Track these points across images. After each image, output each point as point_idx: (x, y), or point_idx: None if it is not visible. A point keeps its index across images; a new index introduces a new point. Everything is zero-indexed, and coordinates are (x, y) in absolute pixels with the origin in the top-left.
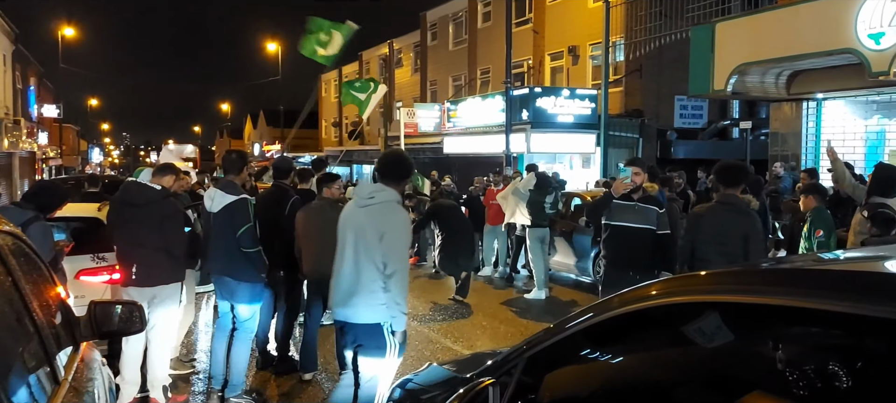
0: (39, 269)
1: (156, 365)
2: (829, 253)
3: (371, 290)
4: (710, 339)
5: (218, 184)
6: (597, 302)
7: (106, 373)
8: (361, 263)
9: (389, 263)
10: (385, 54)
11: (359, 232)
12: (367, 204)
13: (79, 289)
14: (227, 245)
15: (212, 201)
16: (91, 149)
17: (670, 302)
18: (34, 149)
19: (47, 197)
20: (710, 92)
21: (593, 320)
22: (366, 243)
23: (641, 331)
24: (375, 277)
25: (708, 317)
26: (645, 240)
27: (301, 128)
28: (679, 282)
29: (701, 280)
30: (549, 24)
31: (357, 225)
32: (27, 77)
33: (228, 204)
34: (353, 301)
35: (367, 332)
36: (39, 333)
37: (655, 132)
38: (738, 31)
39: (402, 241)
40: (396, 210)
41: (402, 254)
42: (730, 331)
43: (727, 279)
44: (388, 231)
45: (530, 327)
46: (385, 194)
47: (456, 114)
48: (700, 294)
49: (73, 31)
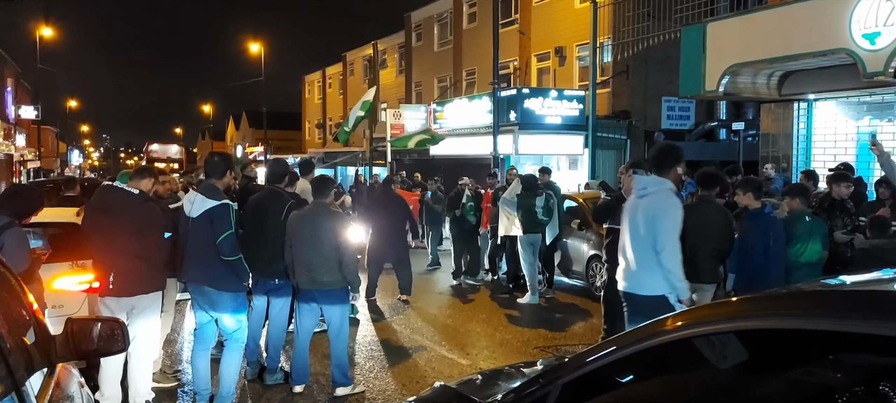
0: (9, 285)
1: (137, 380)
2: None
3: (649, 267)
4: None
5: (199, 187)
6: (650, 324)
7: (85, 395)
8: (639, 244)
9: (659, 241)
10: (369, 55)
11: (634, 218)
12: (643, 193)
13: (56, 299)
14: (205, 252)
15: (191, 205)
16: (70, 151)
17: (739, 328)
18: (12, 152)
19: (23, 201)
20: (701, 93)
21: (649, 343)
22: (639, 227)
23: (703, 359)
24: (651, 255)
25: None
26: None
27: (284, 130)
28: (748, 305)
29: (772, 303)
30: (536, 25)
31: (633, 212)
32: (4, 77)
33: (208, 209)
34: (637, 276)
35: (647, 302)
36: (6, 358)
37: (643, 133)
38: (729, 32)
39: (671, 223)
40: (669, 197)
41: (672, 234)
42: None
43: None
44: (657, 215)
45: (525, 333)
46: (660, 185)
47: (442, 116)
48: (768, 318)
49: (51, 32)
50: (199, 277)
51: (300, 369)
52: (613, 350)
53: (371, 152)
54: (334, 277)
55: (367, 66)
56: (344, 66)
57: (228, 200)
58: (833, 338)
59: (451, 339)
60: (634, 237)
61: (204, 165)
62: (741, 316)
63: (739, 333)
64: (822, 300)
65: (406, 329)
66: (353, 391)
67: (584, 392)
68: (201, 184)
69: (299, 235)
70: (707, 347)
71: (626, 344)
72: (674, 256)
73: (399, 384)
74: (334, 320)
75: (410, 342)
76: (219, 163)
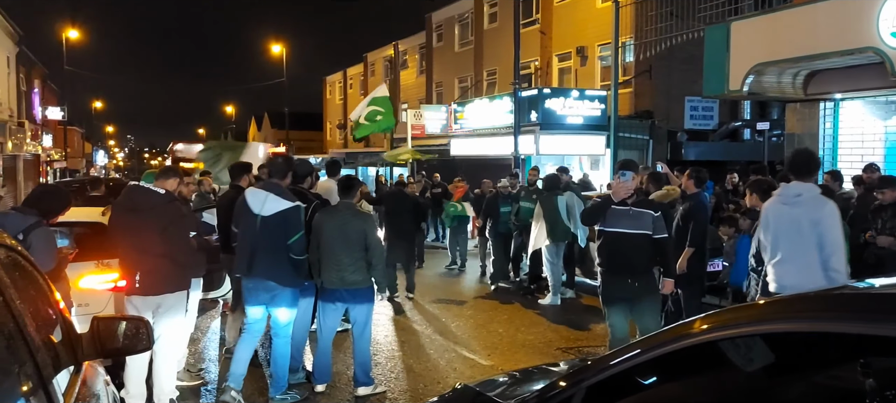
0: (37, 284)
1: (162, 378)
2: None
3: (813, 268)
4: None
5: (267, 187)
6: (675, 327)
7: (111, 392)
8: (801, 247)
9: (828, 244)
10: (390, 56)
11: (795, 223)
12: (794, 201)
13: (82, 298)
14: (275, 250)
15: (261, 205)
16: (96, 151)
17: (765, 331)
18: (39, 152)
19: (50, 201)
20: (725, 92)
21: (673, 346)
22: (802, 231)
23: (731, 361)
24: (815, 257)
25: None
26: (640, 246)
27: (305, 130)
28: (774, 308)
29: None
30: (557, 25)
31: (791, 217)
32: (31, 79)
33: (283, 210)
34: (800, 278)
35: None
36: (33, 356)
37: (666, 133)
38: (754, 31)
39: (837, 226)
40: (827, 201)
41: (840, 237)
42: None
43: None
44: (822, 218)
45: (547, 334)
46: (812, 190)
47: (463, 116)
48: (795, 321)
49: (78, 33)
50: (266, 272)
51: (322, 368)
52: (638, 353)
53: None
54: (362, 276)
55: (388, 67)
56: (365, 67)
57: (299, 202)
58: (862, 342)
59: (472, 340)
60: (794, 241)
61: (268, 166)
62: (767, 319)
63: (765, 336)
64: (852, 303)
65: (427, 329)
66: (374, 391)
67: (608, 395)
68: (268, 185)
69: (329, 234)
70: (732, 350)
71: (650, 347)
72: (843, 258)
73: (420, 384)
74: (360, 319)
75: (432, 342)
76: (282, 165)
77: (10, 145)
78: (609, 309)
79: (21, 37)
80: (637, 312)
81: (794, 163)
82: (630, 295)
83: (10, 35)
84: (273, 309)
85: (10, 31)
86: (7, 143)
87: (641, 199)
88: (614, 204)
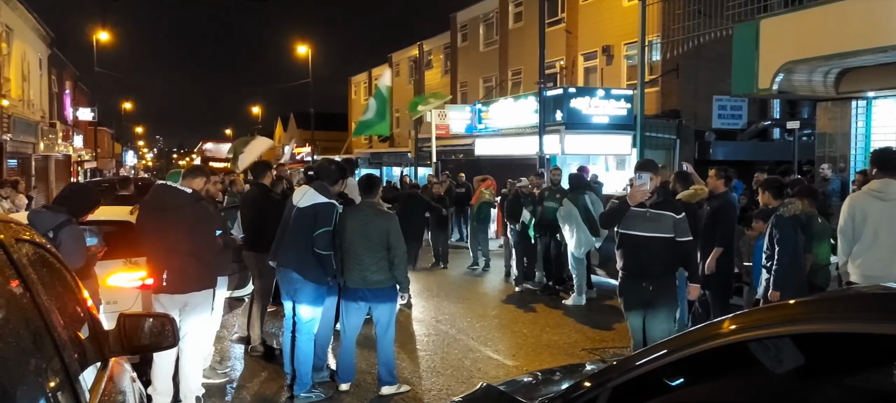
0: (64, 280)
1: (188, 375)
2: None
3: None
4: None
5: (313, 184)
6: (702, 327)
7: (137, 389)
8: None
9: None
10: (415, 56)
11: (891, 217)
12: (885, 195)
13: (110, 296)
14: (302, 241)
15: (301, 197)
16: (125, 151)
17: (796, 332)
18: (70, 152)
19: (80, 200)
20: (754, 91)
21: (701, 347)
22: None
23: (757, 362)
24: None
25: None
26: (658, 249)
27: (330, 131)
28: (806, 308)
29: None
30: (583, 24)
31: (888, 213)
32: (63, 81)
33: (315, 204)
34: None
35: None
36: (60, 351)
37: (693, 133)
38: (783, 28)
39: None
40: None
41: None
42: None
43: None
44: None
45: (573, 336)
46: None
47: (488, 116)
48: (828, 322)
49: (108, 36)
50: (290, 262)
51: (346, 367)
52: (664, 353)
53: (416, 152)
54: (384, 275)
55: (413, 67)
56: (390, 68)
57: (336, 201)
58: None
59: (496, 340)
60: (892, 232)
61: (317, 169)
62: (799, 320)
63: (795, 337)
64: (890, 303)
65: (452, 329)
66: (398, 390)
67: (633, 395)
68: (315, 183)
69: (350, 234)
70: (761, 351)
71: (677, 348)
72: None
73: (445, 384)
74: (383, 318)
75: (456, 342)
76: (334, 171)
77: (42, 146)
78: (627, 313)
79: (52, 39)
80: (649, 318)
81: (882, 159)
82: (645, 300)
83: (42, 38)
84: (297, 304)
85: (42, 34)
86: (39, 144)
87: (662, 200)
88: (631, 206)
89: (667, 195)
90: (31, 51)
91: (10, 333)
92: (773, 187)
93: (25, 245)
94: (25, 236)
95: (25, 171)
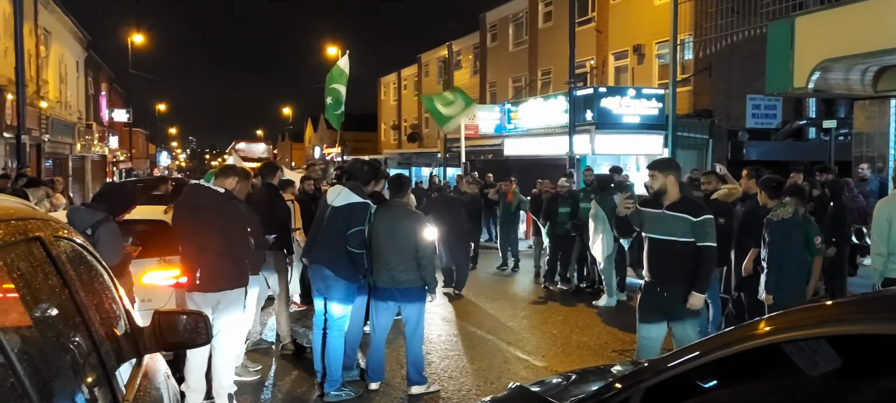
0: (101, 277)
1: (221, 372)
2: None
3: None
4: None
5: (347, 184)
6: (736, 328)
7: (171, 386)
8: None
9: None
10: (444, 56)
11: None
12: None
13: (145, 293)
14: (335, 239)
15: (336, 196)
16: (159, 152)
17: (833, 333)
18: (105, 153)
19: (118, 199)
20: (789, 90)
21: (734, 349)
22: None
23: (791, 364)
24: None
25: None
26: (669, 254)
27: (360, 131)
28: (845, 309)
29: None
30: (613, 23)
31: None
32: (99, 83)
33: (351, 203)
34: None
35: None
36: (97, 347)
37: (726, 133)
38: (819, 26)
39: None
40: None
41: None
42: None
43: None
44: None
45: (603, 337)
46: None
47: (517, 116)
48: (869, 323)
49: (142, 38)
50: (322, 258)
51: (376, 366)
52: (697, 355)
53: (445, 152)
54: (413, 275)
55: (442, 67)
56: (419, 68)
57: (370, 201)
58: None
59: (526, 341)
60: None
61: (351, 169)
62: (836, 321)
63: (832, 339)
64: None
65: (481, 329)
66: (428, 389)
67: (666, 397)
68: (349, 182)
69: (379, 234)
70: (797, 353)
71: (710, 349)
72: None
73: (474, 384)
74: (411, 318)
75: (485, 343)
76: (368, 171)
77: (79, 146)
78: (639, 323)
79: (89, 42)
80: (673, 323)
81: None
82: (661, 306)
83: (79, 40)
84: (328, 302)
85: (79, 37)
86: (76, 145)
87: (682, 200)
88: (652, 207)
89: (687, 195)
90: (69, 53)
91: (50, 328)
92: (770, 187)
93: (64, 242)
94: (64, 233)
95: (62, 171)
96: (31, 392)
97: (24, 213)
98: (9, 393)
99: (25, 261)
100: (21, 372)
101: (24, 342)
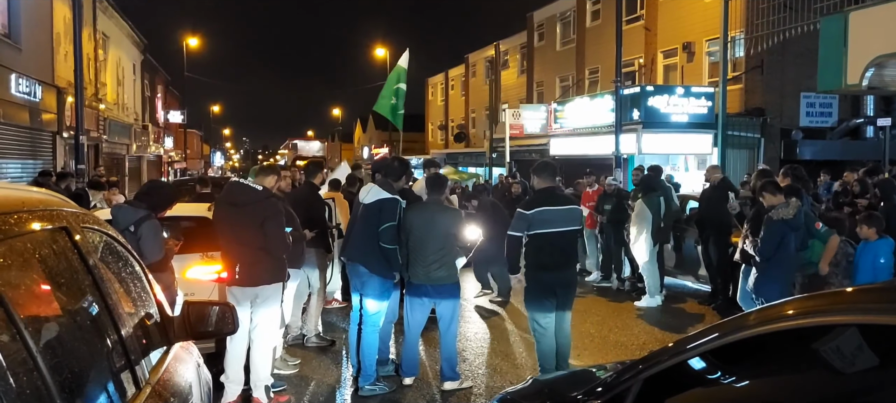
0: (130, 267)
1: (258, 365)
2: None
3: None
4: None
5: (376, 181)
6: (730, 319)
7: (202, 375)
8: None
9: None
10: (491, 56)
11: None
12: None
13: (188, 288)
14: (368, 236)
15: (367, 194)
16: (213, 153)
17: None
18: (161, 153)
19: (158, 197)
20: (842, 87)
21: (727, 339)
22: None
23: (787, 353)
24: None
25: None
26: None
27: (408, 131)
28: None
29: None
30: (662, 21)
31: None
32: (155, 85)
33: (380, 199)
34: None
35: None
36: (120, 333)
37: (779, 132)
38: (874, 21)
39: None
40: None
41: None
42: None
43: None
44: None
45: (642, 337)
46: None
47: (563, 115)
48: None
49: (197, 42)
50: (357, 256)
51: (410, 362)
52: (700, 344)
53: (491, 152)
54: (448, 272)
55: (489, 67)
56: (466, 68)
57: (399, 197)
58: None
59: None
60: None
61: (381, 166)
62: (858, 309)
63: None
64: None
65: (516, 328)
66: (461, 386)
67: (667, 385)
68: (378, 179)
69: (416, 230)
70: (802, 343)
71: (709, 338)
72: None
73: (507, 381)
74: (446, 315)
75: (519, 340)
76: (397, 168)
77: (135, 147)
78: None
79: (145, 45)
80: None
81: None
82: None
83: (135, 44)
84: (364, 298)
85: (136, 40)
86: (132, 145)
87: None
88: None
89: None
90: (126, 57)
91: (72, 313)
92: (770, 188)
93: (89, 231)
94: (90, 223)
95: (119, 171)
96: (44, 371)
97: (51, 204)
98: (22, 366)
99: (49, 248)
100: (35, 351)
101: (45, 325)
